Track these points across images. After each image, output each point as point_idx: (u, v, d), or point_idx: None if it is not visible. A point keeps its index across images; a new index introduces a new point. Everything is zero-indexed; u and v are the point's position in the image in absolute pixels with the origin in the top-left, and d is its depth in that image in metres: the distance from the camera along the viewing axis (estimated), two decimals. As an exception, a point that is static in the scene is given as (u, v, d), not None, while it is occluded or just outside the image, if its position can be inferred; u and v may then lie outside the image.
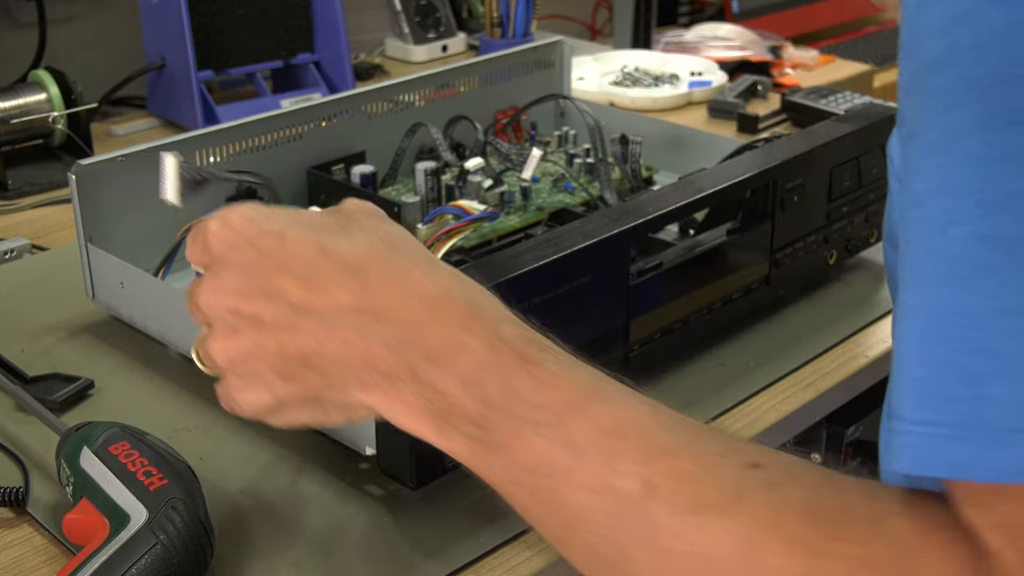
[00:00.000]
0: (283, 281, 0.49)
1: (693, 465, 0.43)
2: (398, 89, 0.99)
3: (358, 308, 0.48)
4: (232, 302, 0.50)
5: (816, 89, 1.28)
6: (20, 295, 0.88)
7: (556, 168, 0.99)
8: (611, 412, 0.45)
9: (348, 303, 0.48)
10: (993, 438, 0.36)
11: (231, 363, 0.51)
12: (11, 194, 1.08)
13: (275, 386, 0.50)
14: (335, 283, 0.48)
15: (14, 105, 1.10)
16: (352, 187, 0.91)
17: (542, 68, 1.10)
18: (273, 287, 0.49)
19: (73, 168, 0.79)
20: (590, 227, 0.69)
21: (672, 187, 0.77)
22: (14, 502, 0.64)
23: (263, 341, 0.49)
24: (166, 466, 0.58)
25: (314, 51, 1.32)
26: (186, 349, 0.76)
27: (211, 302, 0.51)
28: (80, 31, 1.38)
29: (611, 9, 1.77)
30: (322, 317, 0.48)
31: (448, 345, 0.47)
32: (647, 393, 0.47)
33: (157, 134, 1.25)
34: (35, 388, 0.74)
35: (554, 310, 0.66)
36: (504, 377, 0.46)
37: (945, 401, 0.37)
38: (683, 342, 0.77)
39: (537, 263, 0.64)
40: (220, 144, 0.88)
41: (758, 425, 0.73)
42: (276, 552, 0.61)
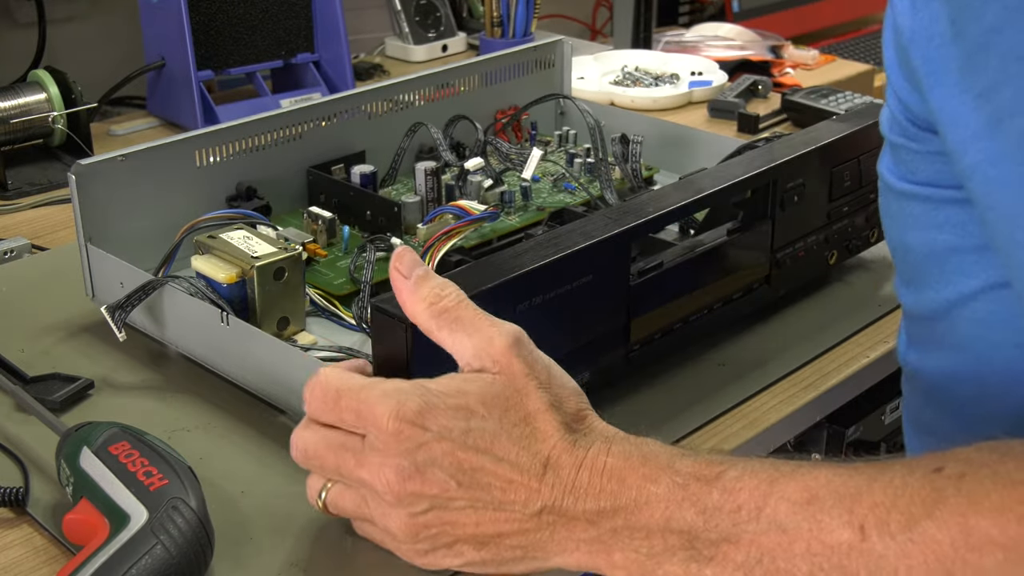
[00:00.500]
0: (484, 478, 0.53)
1: (886, 495, 0.47)
2: (398, 89, 0.99)
3: (557, 496, 0.53)
4: (424, 489, 0.53)
5: (816, 89, 1.28)
6: (20, 295, 0.88)
7: (556, 168, 0.99)
8: (799, 484, 0.49)
9: (547, 493, 0.53)
10: None
11: (413, 537, 0.54)
12: (11, 194, 1.08)
13: (468, 555, 0.54)
14: (535, 479, 0.53)
15: (14, 105, 1.10)
16: (352, 187, 0.91)
17: (542, 68, 1.10)
18: (474, 484, 0.53)
19: (73, 168, 0.79)
20: (591, 227, 0.69)
21: (673, 187, 0.77)
22: (14, 502, 0.64)
23: (458, 521, 0.53)
24: (166, 466, 0.58)
25: (314, 51, 1.32)
26: (186, 349, 0.76)
27: (400, 488, 0.53)
28: (80, 31, 1.38)
29: (611, 9, 1.77)
30: (524, 507, 0.53)
31: (639, 501, 0.52)
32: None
33: (157, 134, 1.25)
34: (35, 388, 0.74)
35: (555, 310, 0.66)
36: (696, 503, 0.51)
37: None
38: (683, 342, 0.77)
39: (538, 263, 0.64)
40: (220, 144, 0.88)
41: (758, 425, 0.73)
42: (276, 552, 0.61)
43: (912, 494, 0.46)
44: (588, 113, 0.97)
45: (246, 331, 0.71)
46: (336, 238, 0.88)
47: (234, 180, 0.90)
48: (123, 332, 0.73)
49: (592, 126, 0.96)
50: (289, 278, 0.76)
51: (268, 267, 0.75)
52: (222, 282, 0.74)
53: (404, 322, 0.58)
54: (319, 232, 0.87)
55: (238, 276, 0.75)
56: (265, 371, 0.70)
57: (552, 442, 0.53)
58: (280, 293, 0.76)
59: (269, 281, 0.75)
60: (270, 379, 0.70)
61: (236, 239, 0.77)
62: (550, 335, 0.66)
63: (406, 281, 0.57)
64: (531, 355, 0.55)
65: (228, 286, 0.74)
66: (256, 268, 0.74)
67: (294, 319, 0.77)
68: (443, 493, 0.53)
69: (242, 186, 0.90)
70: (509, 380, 0.54)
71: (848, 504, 0.47)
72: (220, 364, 0.74)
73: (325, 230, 0.87)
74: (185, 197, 0.86)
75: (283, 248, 0.76)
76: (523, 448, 0.53)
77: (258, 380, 0.71)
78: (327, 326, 0.80)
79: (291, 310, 0.77)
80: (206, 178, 0.88)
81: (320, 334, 0.78)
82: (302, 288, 0.78)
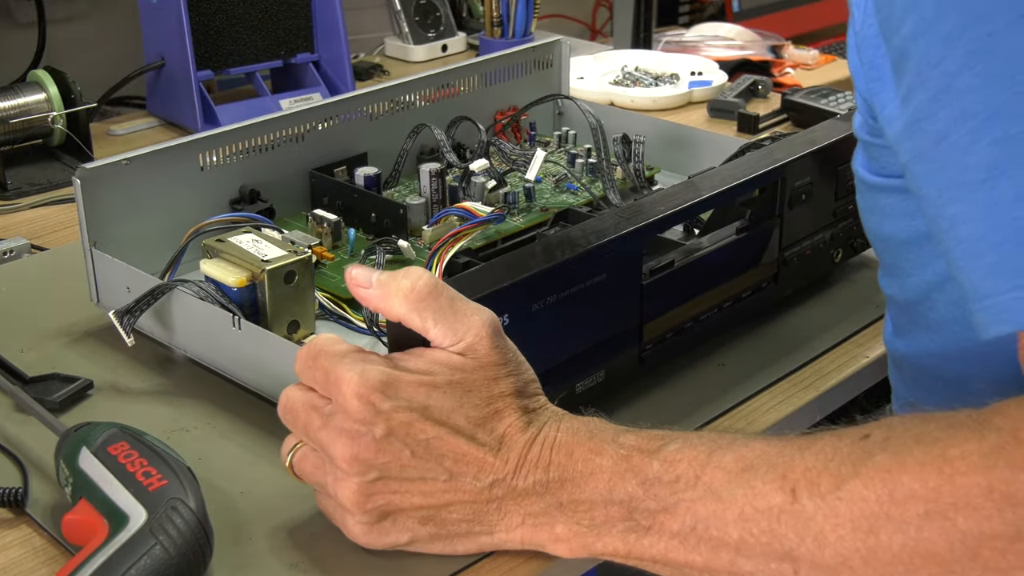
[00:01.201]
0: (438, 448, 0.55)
1: (817, 460, 0.49)
2: (398, 90, 0.99)
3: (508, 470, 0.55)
4: (378, 458, 0.54)
5: (816, 89, 1.28)
6: (19, 295, 0.88)
7: (558, 168, 0.98)
8: (735, 455, 0.52)
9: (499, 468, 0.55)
10: None
11: (360, 506, 0.56)
12: (10, 194, 1.08)
13: (413, 529, 0.56)
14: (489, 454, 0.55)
15: (13, 105, 1.10)
16: (356, 189, 0.91)
17: (542, 68, 1.10)
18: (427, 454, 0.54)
19: (77, 172, 0.79)
20: (603, 226, 0.69)
21: (683, 186, 0.77)
22: (13, 503, 0.64)
23: (408, 491, 0.55)
24: (165, 466, 0.58)
25: (314, 51, 1.32)
26: (195, 353, 0.76)
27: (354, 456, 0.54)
28: (79, 31, 1.38)
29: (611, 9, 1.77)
30: (475, 479, 0.55)
31: (585, 473, 0.54)
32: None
33: (157, 134, 1.25)
34: (34, 388, 0.74)
35: (569, 310, 0.66)
36: (638, 473, 0.53)
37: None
38: (694, 341, 0.77)
39: (553, 262, 0.65)
40: (222, 146, 0.88)
41: (758, 425, 0.73)
42: (276, 552, 0.61)
43: (842, 458, 0.49)
44: (589, 113, 0.97)
45: (258, 335, 0.71)
46: (341, 241, 0.88)
47: (237, 183, 0.89)
48: (131, 337, 0.73)
49: (594, 126, 0.96)
50: (299, 281, 0.76)
51: (279, 270, 0.75)
52: (232, 286, 0.74)
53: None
54: (324, 235, 0.87)
55: (248, 280, 0.74)
56: (278, 375, 0.70)
57: (509, 421, 0.55)
58: (290, 296, 0.76)
59: (280, 284, 0.75)
60: (283, 383, 0.69)
61: (245, 242, 0.77)
62: (565, 334, 0.67)
63: (371, 290, 0.57)
64: (502, 339, 0.57)
65: (238, 290, 0.74)
66: (267, 272, 0.74)
67: (304, 322, 0.77)
68: (395, 461, 0.54)
69: (245, 189, 0.90)
70: (480, 364, 0.56)
71: (781, 471, 0.50)
72: (231, 368, 0.74)
73: (330, 233, 0.87)
74: (189, 200, 0.86)
75: (292, 251, 0.76)
76: (479, 425, 0.55)
77: (271, 384, 0.71)
78: (336, 329, 0.80)
79: (301, 313, 0.77)
80: (209, 181, 0.88)
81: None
82: (312, 291, 0.77)
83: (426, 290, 0.56)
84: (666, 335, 0.75)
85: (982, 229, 0.47)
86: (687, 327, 0.76)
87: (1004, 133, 0.46)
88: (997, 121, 0.46)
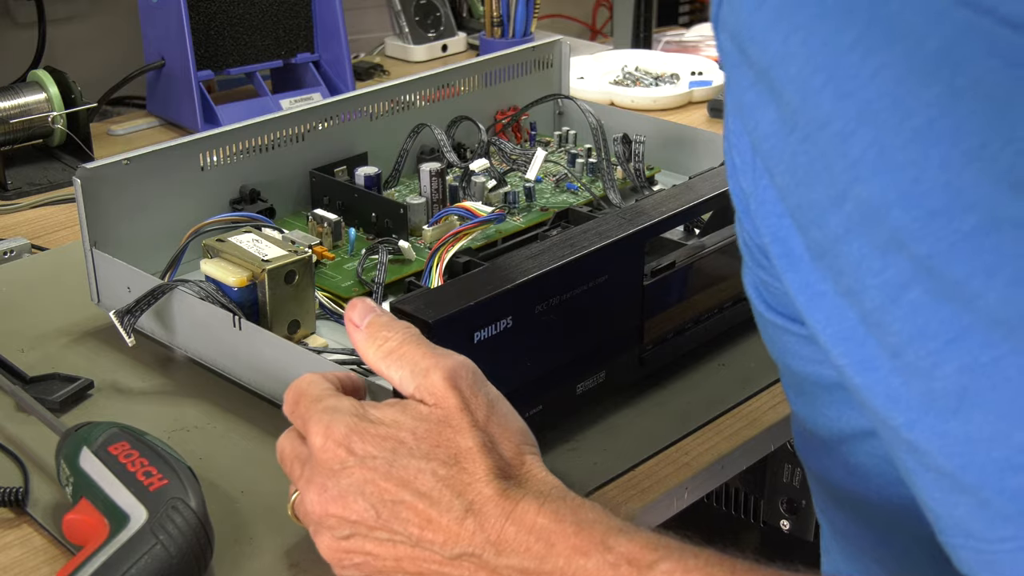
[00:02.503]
0: (404, 512, 0.51)
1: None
2: (398, 90, 0.99)
3: (477, 544, 0.50)
4: (347, 514, 0.52)
5: (816, 89, 1.28)
6: (20, 295, 0.88)
7: (558, 168, 0.98)
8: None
9: (467, 539, 0.50)
10: None
11: (338, 563, 0.53)
12: (10, 194, 1.08)
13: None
14: (455, 522, 0.50)
15: (13, 105, 1.10)
16: (356, 188, 0.91)
17: (542, 68, 1.10)
18: (393, 517, 0.51)
19: (78, 172, 0.79)
20: (605, 227, 0.69)
21: (684, 186, 0.77)
22: (14, 502, 0.64)
23: (380, 555, 0.52)
24: (166, 466, 0.58)
25: (314, 51, 1.32)
26: (195, 353, 0.76)
27: (323, 509, 0.52)
28: (80, 31, 1.38)
29: (611, 9, 1.77)
30: (443, 548, 0.50)
31: (566, 571, 0.48)
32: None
33: (157, 134, 1.25)
34: (35, 388, 0.74)
35: (570, 311, 0.66)
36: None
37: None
38: (695, 342, 0.77)
39: (557, 263, 0.65)
40: (222, 146, 0.88)
41: (758, 425, 0.73)
42: (276, 552, 0.61)
43: None
44: (590, 113, 0.97)
45: (259, 335, 0.71)
46: (342, 240, 0.88)
47: (237, 183, 0.89)
48: (132, 337, 0.73)
49: (594, 126, 0.96)
50: (299, 281, 0.76)
51: (279, 270, 0.75)
52: (232, 286, 0.74)
53: (423, 322, 0.58)
54: (324, 235, 0.87)
55: (248, 279, 0.74)
56: (279, 375, 0.70)
57: (479, 487, 0.50)
58: (291, 296, 0.76)
59: (280, 284, 0.75)
60: (283, 383, 0.69)
61: (245, 242, 0.77)
62: (567, 335, 0.67)
63: (358, 330, 0.56)
64: (471, 389, 0.53)
65: (238, 290, 0.74)
66: (267, 271, 0.74)
67: (304, 322, 0.77)
68: (363, 521, 0.51)
69: (245, 189, 0.90)
70: (444, 414, 0.52)
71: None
72: (231, 368, 0.74)
73: (331, 232, 0.87)
74: (189, 200, 0.86)
75: (293, 251, 0.76)
76: (446, 487, 0.50)
77: (272, 384, 0.71)
78: (336, 329, 0.80)
79: (301, 313, 0.77)
80: (210, 181, 0.88)
81: (330, 337, 0.78)
82: (312, 291, 0.77)
83: (395, 344, 0.54)
84: (667, 335, 0.75)
85: (955, 466, 0.39)
86: (688, 327, 0.76)
87: (973, 360, 0.38)
88: (962, 345, 0.38)
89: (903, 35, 0.37)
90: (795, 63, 0.39)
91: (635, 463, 0.69)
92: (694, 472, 0.68)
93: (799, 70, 0.39)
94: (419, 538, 0.50)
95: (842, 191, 0.39)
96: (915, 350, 0.39)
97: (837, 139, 0.39)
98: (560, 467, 0.67)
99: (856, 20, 0.38)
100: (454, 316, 0.59)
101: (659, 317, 0.73)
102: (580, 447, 0.70)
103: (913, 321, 0.38)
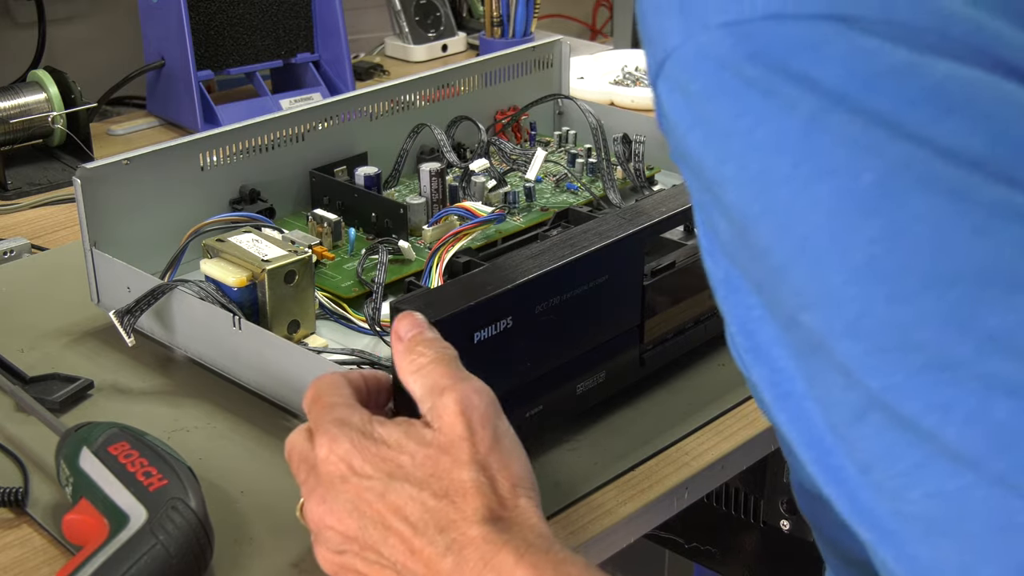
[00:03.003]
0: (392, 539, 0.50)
1: None
2: (398, 90, 0.99)
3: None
4: (342, 529, 0.52)
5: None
6: (20, 295, 0.88)
7: (558, 168, 0.98)
8: None
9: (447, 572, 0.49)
10: None
11: (335, 573, 0.53)
12: (10, 194, 1.08)
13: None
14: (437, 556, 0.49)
15: (13, 105, 1.10)
16: (356, 188, 0.91)
17: (542, 68, 1.10)
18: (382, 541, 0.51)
19: (78, 172, 0.79)
20: (606, 227, 0.69)
21: (683, 187, 0.77)
22: (14, 502, 0.64)
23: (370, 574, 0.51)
24: (166, 466, 0.58)
25: (314, 51, 1.32)
26: (195, 353, 0.76)
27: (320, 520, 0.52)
28: (80, 31, 1.38)
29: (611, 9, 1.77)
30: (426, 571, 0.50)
31: None
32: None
33: (157, 134, 1.25)
34: (35, 388, 0.74)
35: (571, 311, 0.66)
36: None
37: None
38: (695, 342, 0.77)
39: (558, 263, 0.65)
40: (222, 146, 0.88)
41: (758, 425, 0.73)
42: (276, 552, 0.61)
43: None
44: (590, 113, 0.97)
45: (259, 335, 0.71)
46: (342, 240, 0.88)
47: (237, 183, 0.89)
48: (132, 337, 0.73)
49: (594, 126, 0.96)
50: (299, 281, 0.76)
51: (279, 270, 0.75)
52: (232, 286, 0.74)
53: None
54: (324, 235, 0.87)
55: (248, 279, 0.74)
56: (279, 375, 0.70)
57: (463, 528, 0.49)
58: (290, 296, 0.76)
59: (280, 284, 0.75)
60: (283, 383, 0.70)
61: (245, 242, 0.77)
62: (567, 335, 0.67)
63: (399, 343, 0.56)
64: (481, 419, 0.52)
65: (238, 290, 0.74)
66: (267, 271, 0.74)
67: (304, 322, 0.77)
68: (355, 539, 0.51)
69: (245, 189, 0.90)
70: (447, 442, 0.51)
71: None
72: (231, 368, 0.74)
73: (330, 232, 0.87)
74: (189, 200, 0.86)
75: (292, 251, 0.76)
76: (432, 520, 0.50)
77: (272, 384, 0.71)
78: (336, 329, 0.80)
79: (301, 313, 0.77)
80: (209, 181, 0.88)
81: (330, 337, 0.78)
82: (312, 291, 0.77)
83: (425, 362, 0.54)
84: (667, 335, 0.75)
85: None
86: (688, 327, 0.76)
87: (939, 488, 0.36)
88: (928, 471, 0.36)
89: (836, 169, 0.36)
90: (732, 188, 0.38)
91: (635, 463, 0.69)
92: (694, 472, 0.68)
93: (737, 197, 0.38)
94: (404, 566, 0.50)
95: (791, 316, 0.38)
96: (883, 469, 0.37)
97: (779, 268, 0.38)
98: (560, 467, 0.68)
99: (788, 152, 0.36)
100: (454, 316, 0.59)
101: (659, 317, 0.73)
102: (580, 447, 0.70)
103: (879, 442, 0.37)
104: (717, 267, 0.43)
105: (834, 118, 0.36)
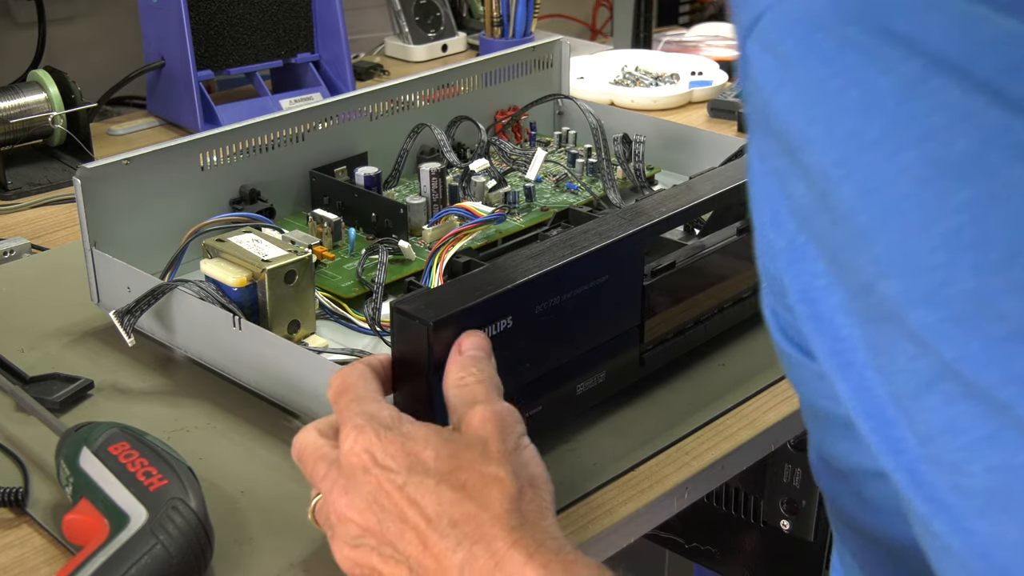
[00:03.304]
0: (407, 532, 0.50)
1: None
2: (398, 90, 0.99)
3: None
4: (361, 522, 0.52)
5: (816, 89, 1.28)
6: (20, 295, 0.88)
7: (558, 168, 0.98)
8: None
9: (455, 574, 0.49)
10: None
11: (349, 571, 0.53)
12: (10, 194, 1.08)
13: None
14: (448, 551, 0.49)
15: (13, 105, 1.10)
16: (356, 188, 0.91)
17: (542, 68, 1.10)
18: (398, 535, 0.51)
19: (78, 172, 0.79)
20: (606, 227, 0.69)
21: (684, 186, 0.77)
22: (14, 502, 0.64)
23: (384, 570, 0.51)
24: (166, 466, 0.58)
25: (314, 51, 1.32)
26: (195, 353, 0.76)
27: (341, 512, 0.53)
28: (80, 31, 1.38)
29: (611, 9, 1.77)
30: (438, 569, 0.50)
31: None
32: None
33: (157, 134, 1.25)
34: (35, 388, 0.74)
35: (571, 311, 0.66)
36: None
37: None
38: (695, 342, 0.77)
39: (558, 263, 0.65)
40: (222, 146, 0.88)
41: (758, 426, 0.73)
42: (276, 552, 0.61)
43: None
44: (590, 113, 0.97)
45: (259, 335, 0.71)
46: (342, 240, 0.88)
47: (237, 183, 0.90)
48: (132, 337, 0.73)
49: (594, 126, 0.96)
50: (299, 281, 0.76)
51: (279, 270, 0.75)
52: (232, 286, 0.74)
53: (423, 322, 0.58)
54: (324, 235, 0.87)
55: (248, 280, 0.74)
56: (279, 375, 0.70)
57: (477, 520, 0.49)
58: (291, 296, 0.76)
59: (280, 284, 0.75)
60: (284, 383, 0.70)
61: (245, 242, 0.77)
62: (567, 335, 0.67)
63: (458, 355, 0.57)
64: (508, 429, 0.53)
65: (238, 290, 0.74)
66: (267, 271, 0.74)
67: (304, 322, 0.77)
68: (372, 532, 0.51)
69: (245, 189, 0.90)
70: (471, 440, 0.52)
71: None
72: (232, 368, 0.74)
73: (331, 232, 0.87)
74: (189, 200, 0.86)
75: (293, 251, 0.76)
76: (447, 513, 0.50)
77: (272, 384, 0.71)
78: (336, 329, 0.80)
79: (301, 313, 0.77)
80: (209, 181, 0.88)
81: (330, 337, 0.78)
82: (312, 291, 0.78)
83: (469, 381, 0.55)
84: (667, 335, 0.75)
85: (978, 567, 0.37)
86: (688, 327, 0.76)
87: (1005, 461, 0.36)
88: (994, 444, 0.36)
89: (930, 134, 0.35)
90: (817, 150, 0.38)
91: (635, 463, 0.69)
92: (694, 472, 0.68)
93: (819, 159, 0.38)
94: (417, 562, 0.50)
95: (868, 282, 0.38)
96: (946, 441, 0.37)
97: (860, 233, 0.37)
98: (560, 467, 0.68)
99: (880, 115, 0.36)
100: (454, 316, 0.59)
101: (659, 317, 0.73)
102: (580, 447, 0.70)
103: (944, 413, 0.36)
104: (780, 235, 0.42)
105: (933, 83, 0.35)
